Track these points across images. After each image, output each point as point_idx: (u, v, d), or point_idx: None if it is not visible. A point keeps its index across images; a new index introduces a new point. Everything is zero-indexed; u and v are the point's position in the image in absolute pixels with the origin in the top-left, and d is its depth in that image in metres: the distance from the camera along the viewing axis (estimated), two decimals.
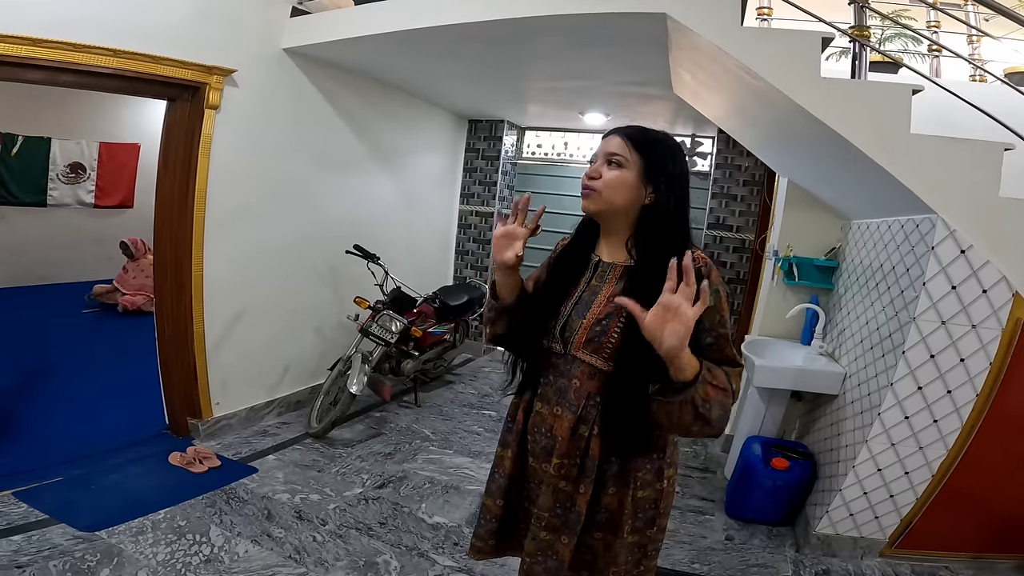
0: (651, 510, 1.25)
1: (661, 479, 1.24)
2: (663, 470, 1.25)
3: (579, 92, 3.70)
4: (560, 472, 1.23)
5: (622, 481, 1.23)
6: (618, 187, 1.20)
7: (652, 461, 1.23)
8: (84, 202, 6.13)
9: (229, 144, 2.89)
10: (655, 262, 1.13)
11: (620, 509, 1.24)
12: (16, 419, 3.05)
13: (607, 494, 1.24)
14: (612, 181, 1.19)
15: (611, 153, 1.20)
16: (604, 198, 1.20)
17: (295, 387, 3.62)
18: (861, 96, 1.87)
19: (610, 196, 1.20)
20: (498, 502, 1.36)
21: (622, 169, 1.20)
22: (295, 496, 2.61)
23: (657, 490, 1.24)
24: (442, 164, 4.94)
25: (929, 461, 2.19)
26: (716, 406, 1.05)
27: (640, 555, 1.27)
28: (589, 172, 1.22)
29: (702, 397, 1.03)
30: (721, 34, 1.89)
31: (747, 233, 4.22)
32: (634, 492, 1.23)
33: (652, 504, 1.25)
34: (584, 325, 1.21)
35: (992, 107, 1.97)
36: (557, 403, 1.25)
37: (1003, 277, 1.93)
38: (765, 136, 2.94)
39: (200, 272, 2.91)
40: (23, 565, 1.94)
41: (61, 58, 2.27)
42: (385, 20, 2.66)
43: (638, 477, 1.23)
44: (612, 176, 1.19)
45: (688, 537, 2.53)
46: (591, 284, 1.26)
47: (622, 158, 1.20)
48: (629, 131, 1.22)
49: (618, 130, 1.24)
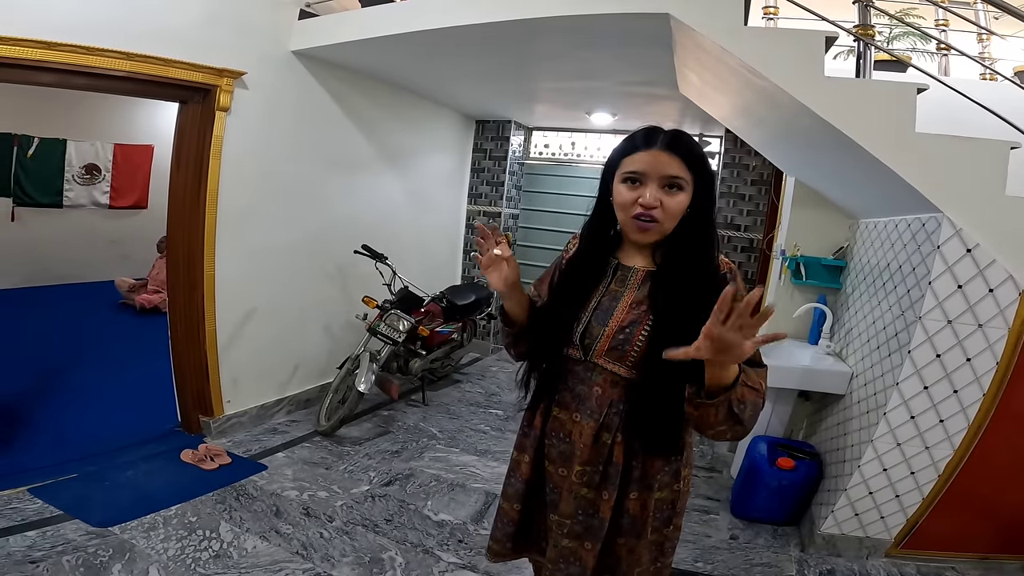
0: (668, 510, 1.24)
1: (678, 480, 1.23)
2: (680, 471, 1.23)
3: (586, 92, 3.71)
4: (583, 480, 1.21)
5: (644, 485, 1.22)
6: (679, 214, 1.11)
7: (671, 463, 1.22)
8: (99, 203, 6.23)
9: (239, 145, 2.94)
10: (680, 267, 1.12)
11: (643, 513, 1.23)
12: (32, 417, 3.11)
13: (630, 499, 1.22)
14: (676, 209, 1.10)
15: (672, 176, 1.09)
16: (662, 229, 1.12)
17: (304, 385, 3.67)
18: (865, 95, 1.87)
19: (668, 226, 1.12)
20: (515, 506, 1.35)
21: (682, 193, 1.11)
22: (303, 493, 2.64)
23: (674, 491, 1.23)
24: (450, 164, 4.97)
25: (935, 461, 2.18)
26: (749, 406, 1.02)
27: (657, 553, 1.27)
28: (648, 200, 1.09)
29: (738, 398, 1.00)
30: (724, 34, 1.90)
31: (755, 232, 4.21)
32: (653, 493, 1.23)
33: (669, 504, 1.24)
34: (607, 333, 1.16)
35: (1004, 105, 1.95)
36: (576, 409, 1.22)
37: (1009, 276, 1.91)
38: (771, 135, 2.93)
39: (212, 271, 2.95)
40: (37, 560, 1.98)
41: (75, 61, 2.32)
42: (391, 22, 2.69)
43: (657, 479, 1.21)
44: (675, 203, 1.10)
45: (693, 536, 2.53)
46: (610, 289, 1.21)
47: (683, 181, 1.10)
48: (678, 146, 1.11)
49: (660, 142, 1.11)
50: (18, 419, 3.05)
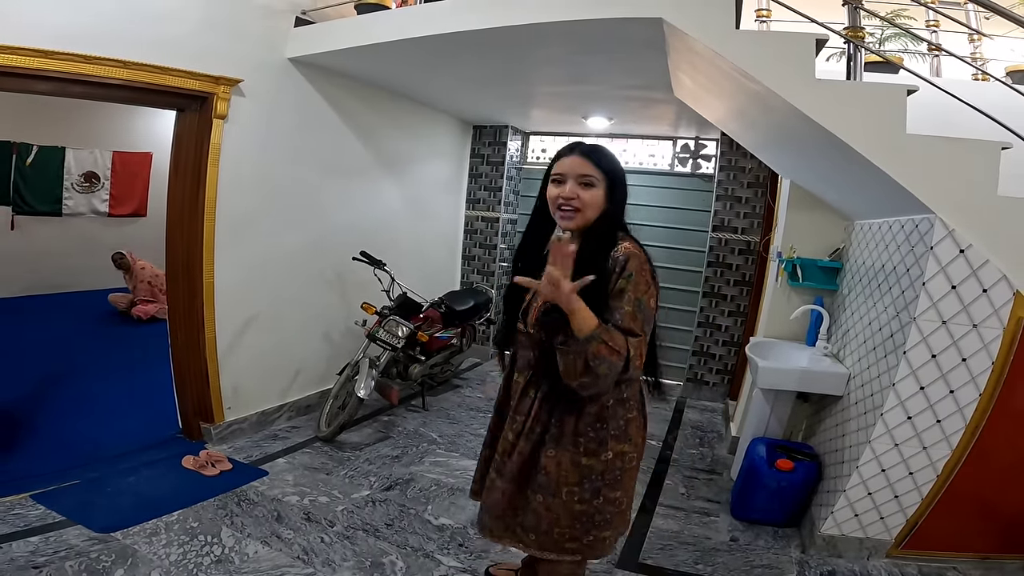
0: (597, 480, 1.40)
1: (605, 448, 1.40)
2: (607, 441, 1.40)
3: (581, 97, 3.73)
4: (512, 427, 1.48)
5: (558, 443, 1.41)
6: (594, 205, 1.39)
7: (596, 430, 1.40)
8: (99, 211, 6.23)
9: (237, 153, 2.95)
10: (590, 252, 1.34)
11: (558, 472, 1.41)
12: (35, 424, 3.12)
13: (547, 455, 1.42)
14: (590, 200, 1.38)
15: (584, 175, 1.37)
16: (585, 216, 1.39)
17: (305, 391, 3.68)
18: (856, 97, 1.88)
19: (590, 214, 1.39)
20: (486, 451, 1.64)
21: (594, 188, 1.38)
22: (304, 498, 2.65)
23: (602, 461, 1.40)
24: (447, 170, 4.99)
25: (933, 461, 2.18)
26: (604, 363, 1.22)
27: (588, 524, 1.42)
28: (565, 193, 1.38)
29: (593, 353, 1.21)
30: (716, 38, 1.91)
31: (752, 235, 4.21)
32: (576, 457, 1.40)
33: (599, 475, 1.40)
34: (535, 307, 1.40)
35: (995, 106, 1.96)
36: (521, 370, 1.50)
37: (1003, 276, 1.92)
38: (765, 138, 2.95)
39: (211, 279, 2.97)
40: (40, 565, 1.99)
41: (71, 70, 2.33)
42: (386, 29, 2.72)
43: (580, 443, 1.40)
44: (589, 196, 1.38)
45: (692, 538, 2.54)
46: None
47: (593, 178, 1.38)
48: (588, 151, 1.39)
49: (578, 150, 1.39)
50: (21, 426, 3.06)
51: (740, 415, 3.52)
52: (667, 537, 2.54)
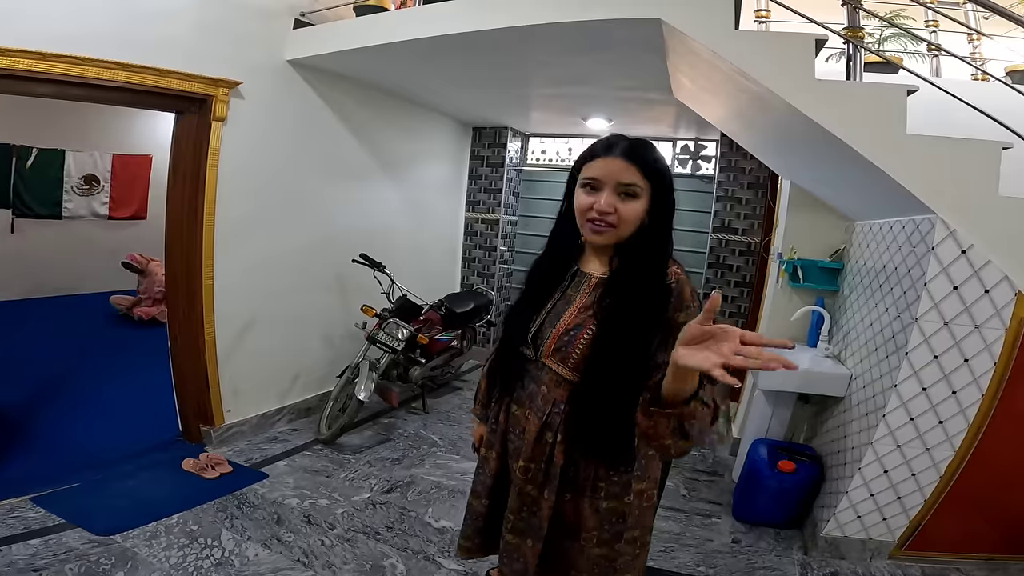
0: (619, 524, 1.22)
1: (628, 492, 1.21)
2: (631, 484, 1.20)
3: (581, 98, 3.72)
4: (526, 476, 1.24)
5: (579, 489, 1.22)
6: (634, 220, 1.12)
7: (620, 474, 1.20)
8: (98, 214, 6.22)
9: (236, 155, 2.95)
10: (628, 275, 1.13)
11: (577, 518, 1.23)
12: (34, 427, 3.12)
13: (564, 501, 1.23)
14: (630, 216, 1.11)
15: (627, 184, 1.10)
16: (619, 233, 1.13)
17: (305, 394, 3.67)
18: (855, 97, 1.88)
19: (626, 230, 1.13)
20: (483, 502, 1.39)
21: (637, 200, 1.11)
22: (304, 501, 2.64)
23: (625, 503, 1.21)
24: (447, 172, 4.98)
25: (936, 462, 2.18)
26: (698, 425, 0.98)
27: (608, 569, 1.24)
28: (601, 207, 1.10)
29: (690, 413, 0.95)
30: (715, 38, 1.91)
31: (753, 236, 4.21)
32: (596, 503, 1.21)
33: (619, 517, 1.22)
34: (553, 334, 1.20)
35: (995, 105, 1.95)
36: (528, 406, 1.26)
37: (1005, 276, 1.92)
38: (765, 139, 2.95)
39: (211, 281, 2.96)
40: (40, 568, 1.98)
41: (70, 72, 2.33)
42: (385, 31, 2.71)
43: (600, 487, 1.20)
44: (629, 210, 1.11)
45: (694, 540, 2.53)
46: (566, 293, 1.25)
47: (639, 188, 1.11)
48: (630, 151, 1.11)
49: (617, 150, 1.12)
50: (21, 429, 3.05)
51: (741, 417, 3.51)
52: (668, 539, 2.53)
